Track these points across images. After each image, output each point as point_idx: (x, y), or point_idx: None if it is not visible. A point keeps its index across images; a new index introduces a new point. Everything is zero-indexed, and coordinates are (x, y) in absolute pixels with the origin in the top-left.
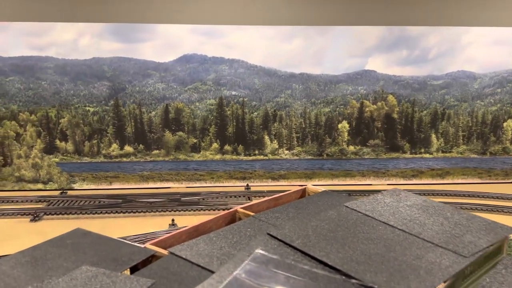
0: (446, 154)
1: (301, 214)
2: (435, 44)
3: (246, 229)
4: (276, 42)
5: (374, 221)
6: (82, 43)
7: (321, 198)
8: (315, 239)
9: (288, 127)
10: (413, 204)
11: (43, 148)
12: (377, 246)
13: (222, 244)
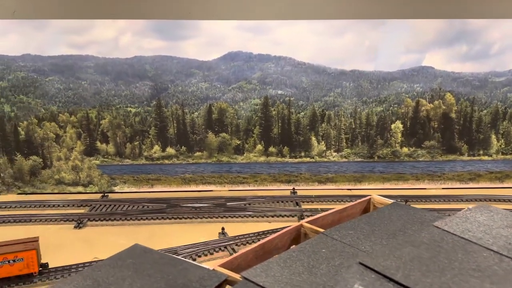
0: (507, 156)
1: (377, 232)
2: (498, 38)
3: (321, 249)
4: (326, 37)
5: (475, 246)
6: (123, 41)
7: (393, 212)
8: (418, 271)
9: (337, 127)
10: (510, 224)
11: (84, 150)
12: (490, 280)
13: (298, 268)
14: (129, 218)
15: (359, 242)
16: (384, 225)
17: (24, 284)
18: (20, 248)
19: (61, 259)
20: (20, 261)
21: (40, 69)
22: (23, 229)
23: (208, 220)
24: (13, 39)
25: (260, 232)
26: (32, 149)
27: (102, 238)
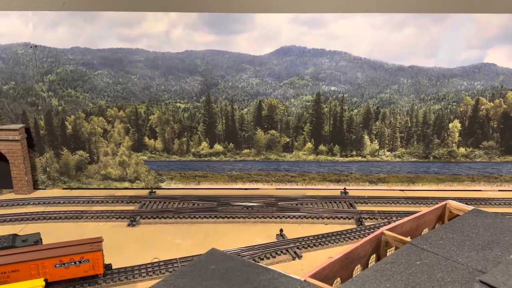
0: None
1: (468, 242)
2: None
3: (415, 261)
4: (385, 31)
5: None
6: (175, 35)
7: (477, 220)
8: None
9: (391, 126)
10: None
11: (131, 145)
12: None
13: (398, 282)
14: (181, 216)
15: (452, 253)
16: (472, 234)
17: (89, 285)
18: (86, 249)
19: (120, 259)
20: (86, 262)
21: (89, 63)
22: (74, 226)
23: (262, 220)
24: (63, 32)
25: (320, 235)
26: (79, 144)
27: (157, 237)
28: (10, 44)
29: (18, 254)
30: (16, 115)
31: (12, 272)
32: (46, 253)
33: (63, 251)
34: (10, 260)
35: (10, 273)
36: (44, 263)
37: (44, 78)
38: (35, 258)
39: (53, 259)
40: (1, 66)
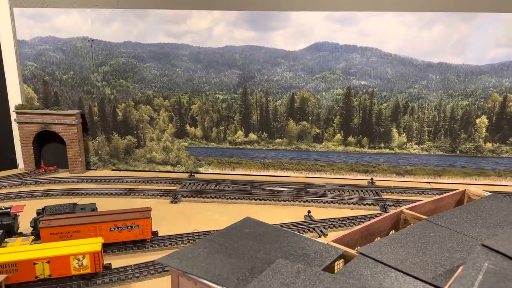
0: None
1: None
2: None
3: (429, 233)
4: (415, 29)
5: None
6: (216, 31)
7: (493, 203)
8: None
9: (419, 120)
10: None
11: (174, 132)
12: None
13: (411, 248)
14: (218, 196)
15: (464, 229)
16: (486, 214)
17: (138, 248)
18: (137, 216)
19: (165, 229)
20: (137, 228)
21: (139, 56)
22: (123, 201)
23: (291, 203)
24: (117, 27)
25: (345, 217)
26: (128, 130)
27: (197, 212)
28: (71, 38)
29: (80, 217)
30: (73, 101)
31: (74, 232)
32: (103, 218)
33: (117, 217)
34: (73, 222)
35: (73, 233)
36: (101, 226)
37: (99, 69)
38: (93, 221)
39: (109, 223)
40: (62, 58)
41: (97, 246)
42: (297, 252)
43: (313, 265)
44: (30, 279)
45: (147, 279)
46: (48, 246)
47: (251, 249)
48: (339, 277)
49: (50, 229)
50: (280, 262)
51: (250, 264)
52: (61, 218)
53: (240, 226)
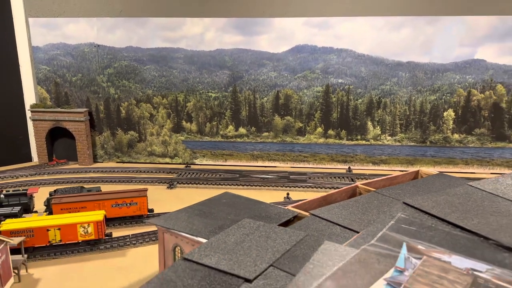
0: None
1: (421, 192)
2: None
3: (373, 201)
4: (385, 32)
5: (499, 198)
6: (208, 36)
7: (438, 180)
8: (449, 209)
9: (392, 114)
10: None
11: (172, 127)
12: (507, 218)
13: (355, 211)
14: (209, 183)
15: (403, 197)
16: (427, 187)
17: (136, 223)
18: (135, 195)
19: (160, 208)
20: (135, 205)
21: (140, 59)
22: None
23: (274, 188)
24: (120, 34)
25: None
26: (130, 126)
27: (190, 196)
28: (79, 44)
29: (86, 196)
30: (82, 101)
31: (81, 208)
32: (105, 196)
33: (118, 195)
34: (80, 199)
35: (80, 208)
36: (104, 203)
37: (104, 72)
38: (97, 199)
39: (111, 201)
40: (72, 62)
41: (99, 216)
42: (261, 214)
43: (271, 223)
44: (44, 243)
45: (142, 246)
46: (59, 217)
47: (224, 213)
48: (288, 229)
49: (61, 205)
50: (245, 220)
51: (221, 223)
52: (70, 196)
53: (218, 198)
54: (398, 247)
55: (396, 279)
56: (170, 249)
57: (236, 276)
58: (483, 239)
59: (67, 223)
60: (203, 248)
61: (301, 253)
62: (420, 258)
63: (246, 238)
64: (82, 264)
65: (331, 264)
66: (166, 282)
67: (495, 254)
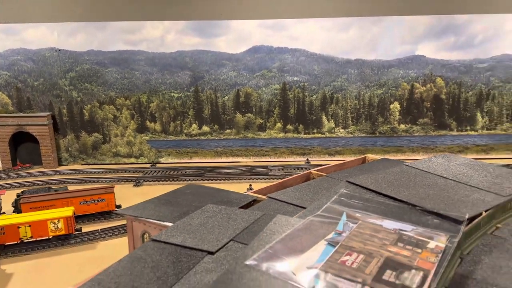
0: (491, 131)
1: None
2: (481, 30)
3: (323, 183)
4: (334, 32)
5: (430, 175)
6: (168, 39)
7: (382, 163)
8: (385, 184)
9: (343, 108)
10: (461, 163)
11: (136, 128)
12: (433, 189)
13: (306, 192)
14: (175, 179)
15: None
16: (371, 169)
17: (104, 219)
18: (102, 192)
19: (127, 204)
20: (103, 201)
21: (102, 62)
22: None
23: (238, 181)
24: (80, 38)
25: None
26: (94, 128)
27: (156, 192)
28: (40, 49)
29: (54, 194)
30: (44, 105)
31: (50, 206)
32: (73, 194)
33: (85, 193)
34: (49, 198)
35: (49, 207)
36: (72, 200)
37: (66, 75)
38: (66, 197)
39: (79, 198)
40: (33, 67)
41: (69, 212)
42: (223, 200)
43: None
44: (15, 240)
45: (111, 238)
46: (29, 214)
47: (189, 201)
48: (247, 210)
49: (30, 204)
50: (208, 205)
51: (186, 209)
52: (39, 195)
53: (183, 189)
54: (339, 216)
55: (335, 239)
56: (139, 236)
57: (200, 250)
58: (411, 206)
59: (37, 219)
60: (170, 230)
61: (258, 229)
62: (357, 222)
63: (209, 220)
64: (54, 258)
65: (281, 231)
66: (136, 259)
67: (420, 217)
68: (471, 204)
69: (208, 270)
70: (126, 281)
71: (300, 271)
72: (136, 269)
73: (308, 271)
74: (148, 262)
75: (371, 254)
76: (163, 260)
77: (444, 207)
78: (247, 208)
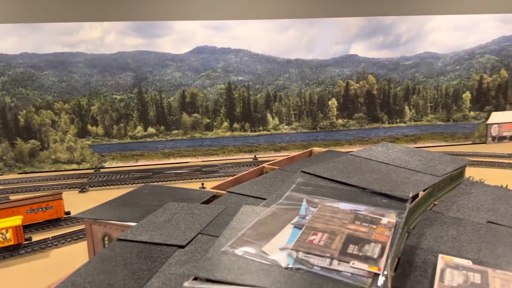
0: (417, 123)
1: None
2: (406, 30)
3: (277, 176)
4: (274, 33)
5: (373, 161)
6: (108, 40)
7: (327, 154)
8: (336, 172)
9: (286, 105)
10: (398, 150)
11: (76, 132)
12: (378, 174)
13: (264, 184)
14: (123, 183)
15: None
16: (319, 160)
17: (54, 226)
18: (50, 198)
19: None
20: (51, 208)
21: (37, 65)
22: None
23: (189, 181)
24: (12, 40)
25: None
26: (31, 134)
27: (105, 196)
28: None
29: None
30: None
31: None
32: (19, 202)
33: (32, 201)
34: None
35: None
36: (19, 209)
37: None
38: (10, 206)
39: (25, 207)
40: None
41: (17, 221)
42: (183, 197)
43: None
44: None
45: (64, 245)
46: None
47: (148, 201)
48: (210, 205)
49: None
50: (170, 203)
51: (147, 208)
52: None
53: (139, 190)
54: (300, 202)
55: (300, 222)
56: (99, 239)
57: (170, 245)
58: (361, 189)
59: None
60: (135, 229)
61: (223, 221)
62: (316, 207)
63: (173, 217)
64: (5, 270)
65: (250, 220)
66: (106, 259)
67: (370, 198)
68: (412, 184)
69: (181, 262)
70: (101, 280)
71: (274, 252)
72: (109, 268)
73: (281, 252)
74: (119, 260)
75: (334, 233)
76: (134, 257)
77: (390, 189)
78: (207, 203)
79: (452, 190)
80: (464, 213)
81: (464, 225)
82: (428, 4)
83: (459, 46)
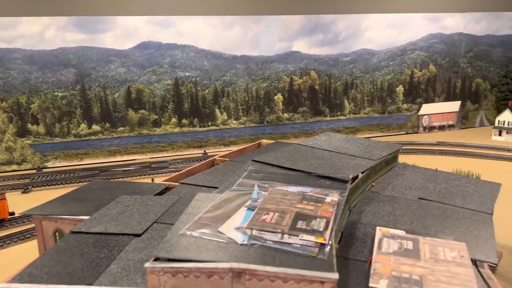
0: (356, 115)
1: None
2: (343, 28)
3: (229, 166)
4: (220, 29)
5: (317, 149)
6: (48, 35)
7: (276, 145)
8: (284, 159)
9: (234, 101)
10: (339, 139)
11: (16, 132)
12: (322, 160)
13: (216, 175)
14: (68, 182)
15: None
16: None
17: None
18: None
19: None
20: None
21: None
22: None
23: (138, 178)
24: None
25: None
26: None
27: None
28: None
29: None
30: None
31: None
32: None
33: None
34: None
35: None
36: None
37: None
38: None
39: None
40: None
41: None
42: (136, 191)
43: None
44: None
45: (10, 246)
46: None
47: (99, 195)
48: (163, 196)
49: None
50: (122, 196)
51: (99, 203)
52: None
53: (89, 185)
54: (252, 187)
55: (252, 204)
56: (50, 235)
57: (126, 235)
58: (307, 174)
59: None
60: (89, 221)
61: (178, 210)
62: (267, 191)
63: (127, 208)
64: None
65: (205, 205)
66: (61, 251)
67: (315, 181)
68: (352, 168)
69: (139, 249)
70: (58, 270)
71: (230, 232)
72: (65, 259)
73: (236, 231)
74: (75, 251)
75: (284, 212)
76: (89, 247)
77: (332, 172)
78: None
79: (387, 172)
80: (398, 191)
81: (398, 202)
82: (364, 3)
83: (392, 43)
